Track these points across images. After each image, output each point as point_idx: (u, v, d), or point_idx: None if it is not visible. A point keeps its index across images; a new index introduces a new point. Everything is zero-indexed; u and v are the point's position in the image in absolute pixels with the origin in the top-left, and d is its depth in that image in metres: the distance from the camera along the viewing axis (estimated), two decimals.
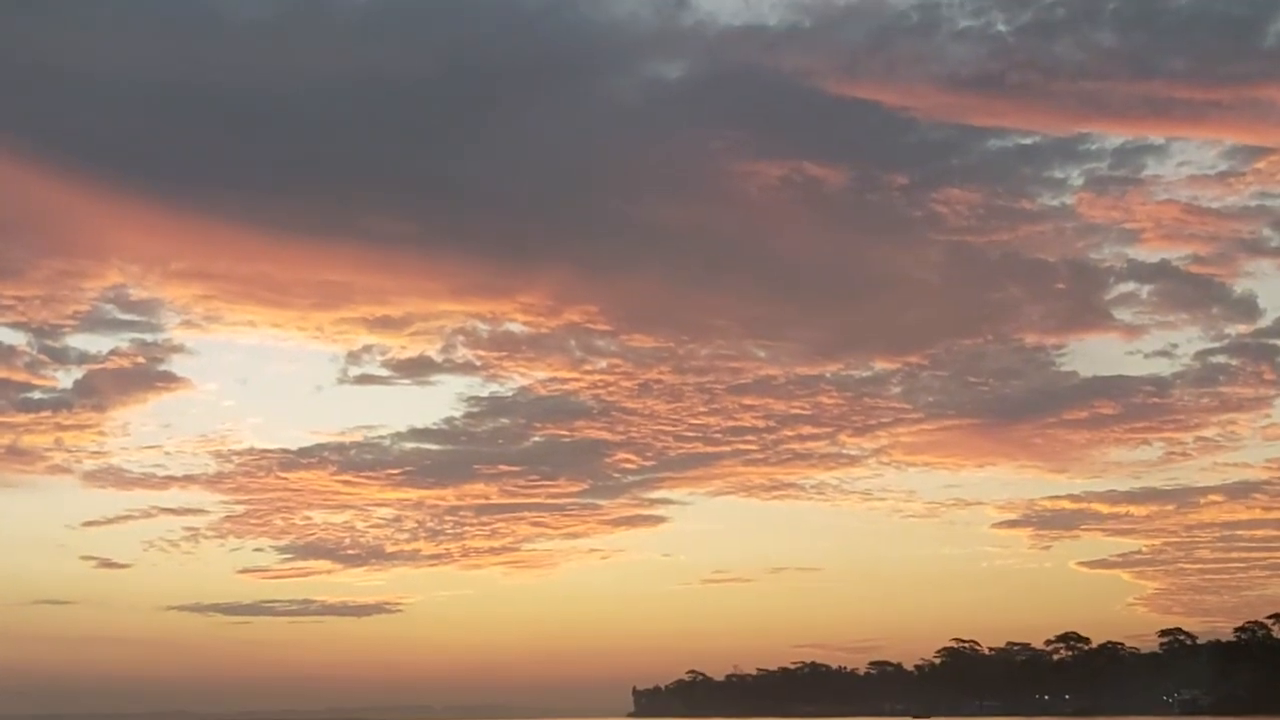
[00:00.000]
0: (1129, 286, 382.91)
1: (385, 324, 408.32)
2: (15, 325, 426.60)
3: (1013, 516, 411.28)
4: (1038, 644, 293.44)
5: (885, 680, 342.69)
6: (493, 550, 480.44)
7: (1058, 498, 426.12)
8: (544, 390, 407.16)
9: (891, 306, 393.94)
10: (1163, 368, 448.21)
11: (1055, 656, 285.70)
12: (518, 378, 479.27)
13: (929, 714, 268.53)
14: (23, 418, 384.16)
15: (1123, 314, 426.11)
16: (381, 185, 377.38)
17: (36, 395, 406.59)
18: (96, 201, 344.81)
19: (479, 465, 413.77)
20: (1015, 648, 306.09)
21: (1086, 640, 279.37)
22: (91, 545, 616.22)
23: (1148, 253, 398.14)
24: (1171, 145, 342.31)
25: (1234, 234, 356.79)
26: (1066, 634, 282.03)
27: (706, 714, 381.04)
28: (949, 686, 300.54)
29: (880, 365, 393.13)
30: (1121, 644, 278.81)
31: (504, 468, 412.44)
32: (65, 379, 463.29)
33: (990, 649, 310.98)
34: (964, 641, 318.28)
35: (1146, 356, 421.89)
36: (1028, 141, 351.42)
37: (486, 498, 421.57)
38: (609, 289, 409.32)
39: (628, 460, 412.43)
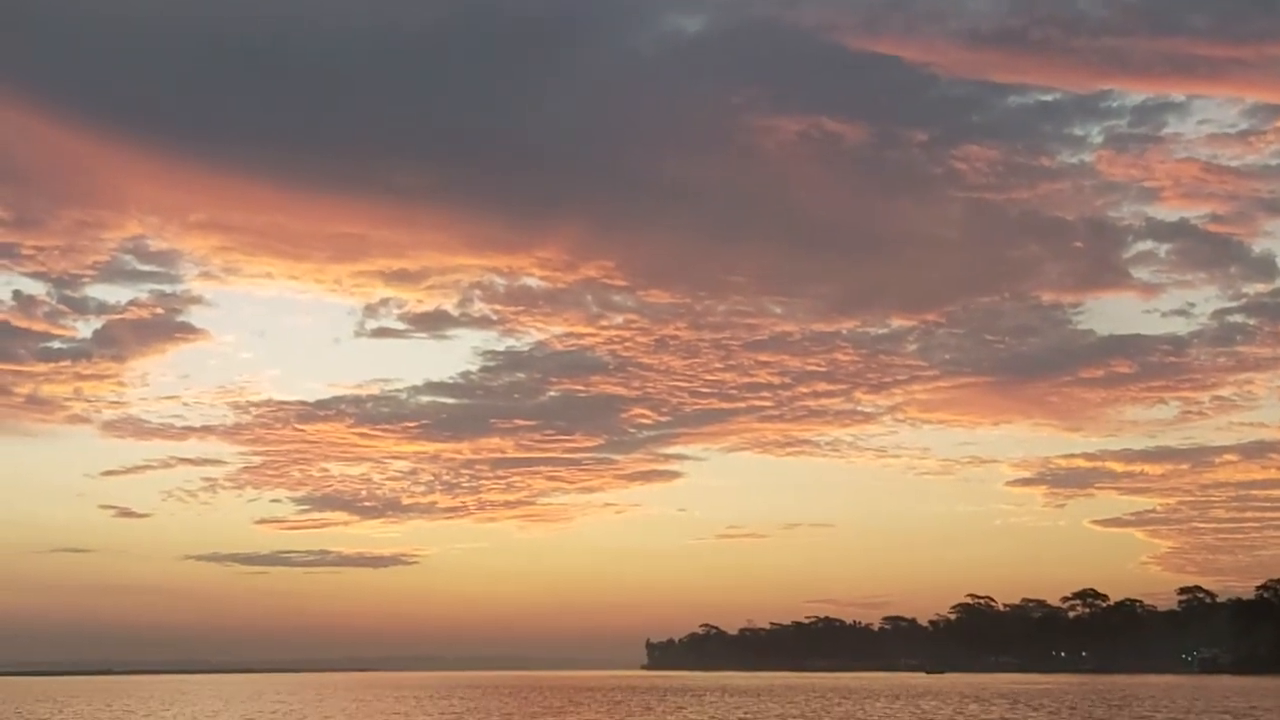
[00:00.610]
0: (1147, 245, 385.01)
1: (402, 277, 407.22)
2: (35, 275, 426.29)
3: (1027, 474, 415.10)
4: (1053, 601, 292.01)
5: (899, 635, 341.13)
6: (508, 504, 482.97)
7: (1073, 456, 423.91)
8: (560, 345, 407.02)
9: (909, 264, 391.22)
10: (1180, 327, 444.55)
11: (1072, 613, 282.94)
12: (534, 332, 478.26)
13: (943, 669, 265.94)
14: (42, 367, 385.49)
15: (1140, 272, 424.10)
16: (399, 139, 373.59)
17: (56, 345, 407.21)
18: (115, 153, 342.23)
19: (495, 419, 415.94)
20: (1030, 604, 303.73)
21: (1104, 597, 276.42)
22: (110, 494, 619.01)
23: (1167, 211, 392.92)
24: (1192, 103, 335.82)
25: (1254, 193, 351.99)
26: (1084, 591, 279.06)
27: (719, 667, 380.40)
28: (964, 642, 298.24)
29: (897, 322, 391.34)
30: (1140, 601, 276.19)
31: (520, 422, 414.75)
32: (85, 329, 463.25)
33: (1005, 605, 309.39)
34: (979, 598, 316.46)
35: (1164, 315, 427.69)
36: (1048, 98, 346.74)
37: (502, 452, 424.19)
38: (626, 245, 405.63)
39: (643, 416, 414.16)
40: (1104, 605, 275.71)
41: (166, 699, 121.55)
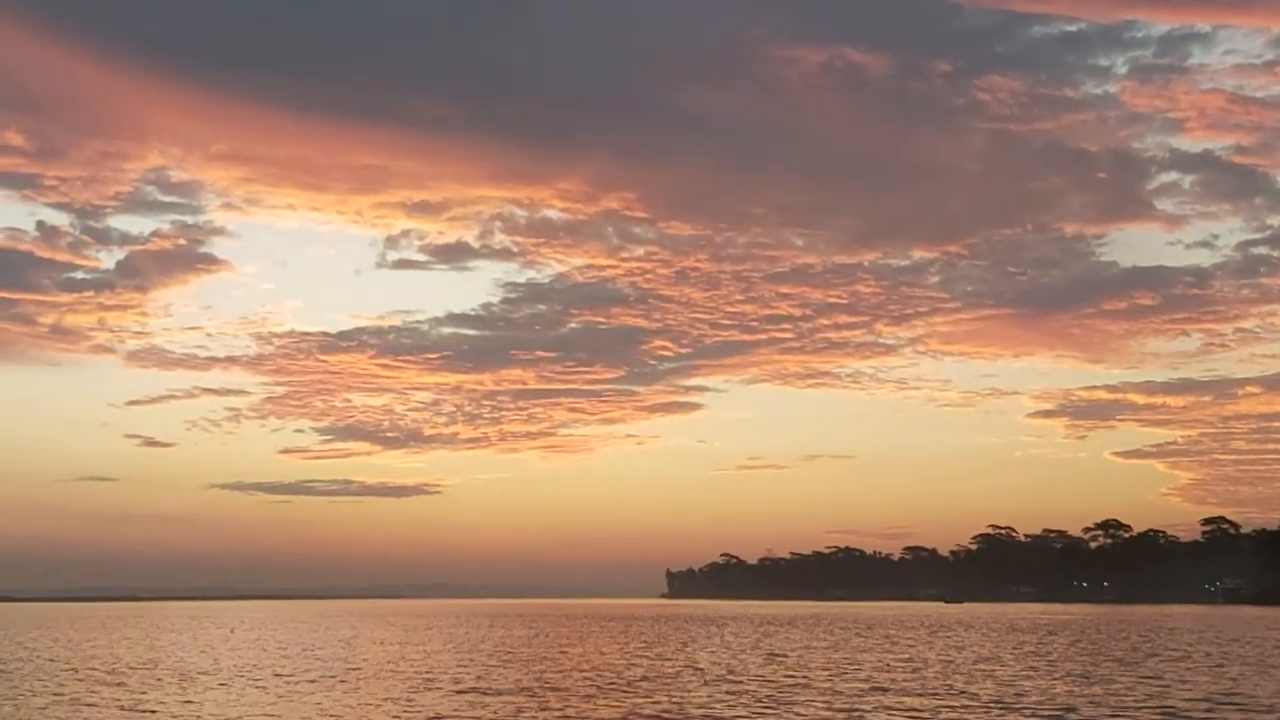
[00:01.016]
0: (1171, 176, 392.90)
1: (423, 209, 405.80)
2: (58, 205, 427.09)
3: (1048, 406, 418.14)
4: (1075, 532, 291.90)
5: (920, 566, 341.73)
6: (530, 435, 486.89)
7: (1094, 388, 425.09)
8: (581, 277, 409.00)
9: (931, 195, 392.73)
10: (1203, 258, 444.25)
11: (1094, 544, 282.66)
12: (555, 264, 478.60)
13: (963, 599, 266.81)
14: (66, 297, 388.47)
15: (1164, 204, 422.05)
16: (421, 71, 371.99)
17: (79, 275, 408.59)
18: (136, 83, 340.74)
19: (516, 351, 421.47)
20: (1052, 535, 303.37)
21: (1127, 528, 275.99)
22: (135, 424, 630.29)
23: (1191, 142, 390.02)
24: (1218, 33, 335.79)
25: (1279, 124, 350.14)
26: (1106, 521, 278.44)
27: (739, 595, 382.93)
28: (985, 572, 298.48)
29: (919, 254, 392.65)
30: (1163, 532, 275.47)
31: (541, 353, 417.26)
32: (107, 259, 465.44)
33: (1026, 536, 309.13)
34: (1000, 528, 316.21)
35: (1187, 247, 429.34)
36: (1072, 28, 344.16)
37: (524, 383, 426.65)
38: (647, 176, 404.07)
39: (664, 347, 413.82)
40: (1126, 536, 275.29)
41: (214, 624, 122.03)
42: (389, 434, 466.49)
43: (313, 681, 43.55)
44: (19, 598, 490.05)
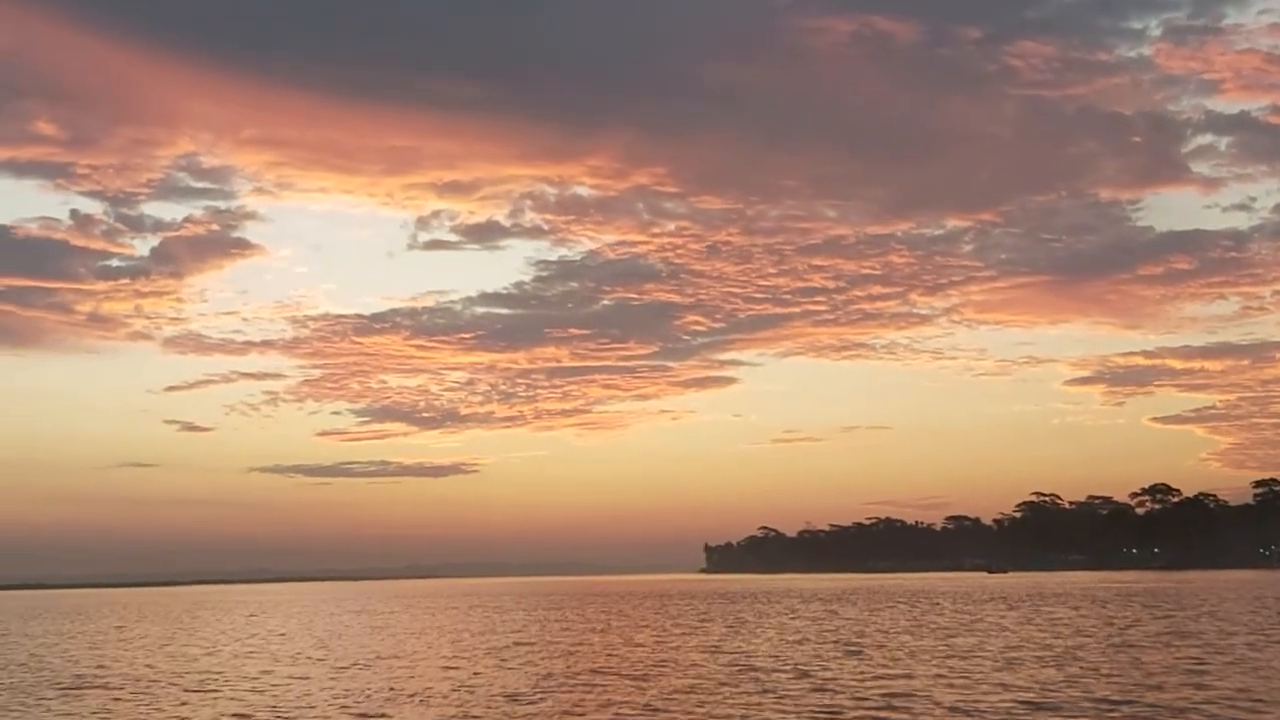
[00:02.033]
0: (1207, 139, 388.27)
1: (453, 189, 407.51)
2: (91, 194, 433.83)
3: (1085, 373, 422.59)
4: (1120, 498, 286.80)
5: (963, 535, 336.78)
6: (565, 412, 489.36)
7: (1131, 354, 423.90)
8: (613, 253, 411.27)
9: (964, 163, 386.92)
10: (1240, 221, 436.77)
11: (1141, 509, 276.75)
12: (586, 241, 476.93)
13: (1006, 569, 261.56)
14: (103, 285, 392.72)
15: (1200, 167, 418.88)
16: (448, 51, 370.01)
17: (115, 263, 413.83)
18: (166, 70, 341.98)
19: (549, 329, 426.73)
20: (1097, 501, 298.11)
21: (1176, 492, 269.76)
22: (174, 409, 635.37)
23: (1227, 104, 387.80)
24: None
25: None
26: (1154, 486, 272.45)
27: (779, 569, 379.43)
28: (1030, 540, 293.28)
29: (952, 223, 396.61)
30: (1213, 495, 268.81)
31: (574, 331, 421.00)
32: (142, 246, 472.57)
33: (1071, 503, 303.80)
34: (1044, 495, 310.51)
35: (1224, 210, 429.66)
36: None
37: (558, 360, 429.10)
38: (677, 151, 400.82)
39: (697, 322, 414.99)
40: (1175, 500, 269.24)
41: (262, 609, 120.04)
42: (425, 414, 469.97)
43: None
44: (60, 585, 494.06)
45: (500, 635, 58.49)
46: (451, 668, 39.61)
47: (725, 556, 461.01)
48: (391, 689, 32.96)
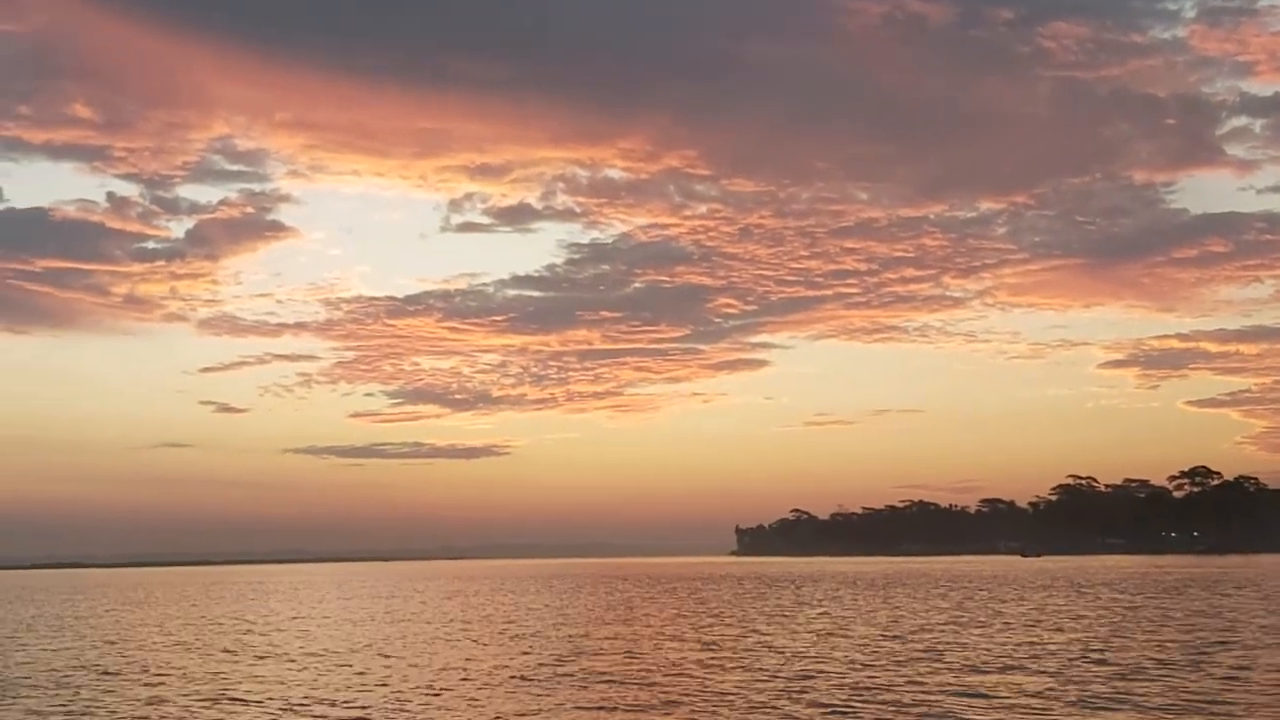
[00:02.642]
0: (1242, 121, 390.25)
1: (485, 172, 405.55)
2: (127, 176, 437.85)
3: (1119, 356, 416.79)
4: (1156, 481, 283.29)
5: (998, 518, 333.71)
6: (596, 395, 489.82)
7: (1166, 337, 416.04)
8: (644, 236, 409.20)
9: (997, 145, 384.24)
10: (1276, 204, 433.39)
11: (1179, 493, 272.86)
12: (618, 224, 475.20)
13: (1041, 552, 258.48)
14: (138, 267, 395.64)
15: (1235, 149, 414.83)
16: (479, 33, 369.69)
17: (150, 245, 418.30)
18: (200, 53, 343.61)
19: (581, 311, 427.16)
20: (1134, 484, 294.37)
21: (1216, 474, 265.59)
22: (209, 390, 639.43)
23: (1261, 85, 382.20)
24: None
25: None
26: (1195, 469, 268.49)
27: (811, 552, 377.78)
28: (1066, 524, 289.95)
29: (985, 205, 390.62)
30: (1254, 479, 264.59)
31: (606, 313, 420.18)
32: (177, 229, 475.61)
33: (1107, 486, 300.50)
34: (1080, 478, 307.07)
35: (1259, 192, 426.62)
36: None
37: (589, 343, 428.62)
38: (708, 133, 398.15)
39: (729, 305, 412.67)
40: (1214, 484, 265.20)
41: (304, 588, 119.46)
42: (457, 396, 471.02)
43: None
44: (96, 564, 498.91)
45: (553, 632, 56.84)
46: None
47: (756, 539, 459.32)
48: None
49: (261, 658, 39.61)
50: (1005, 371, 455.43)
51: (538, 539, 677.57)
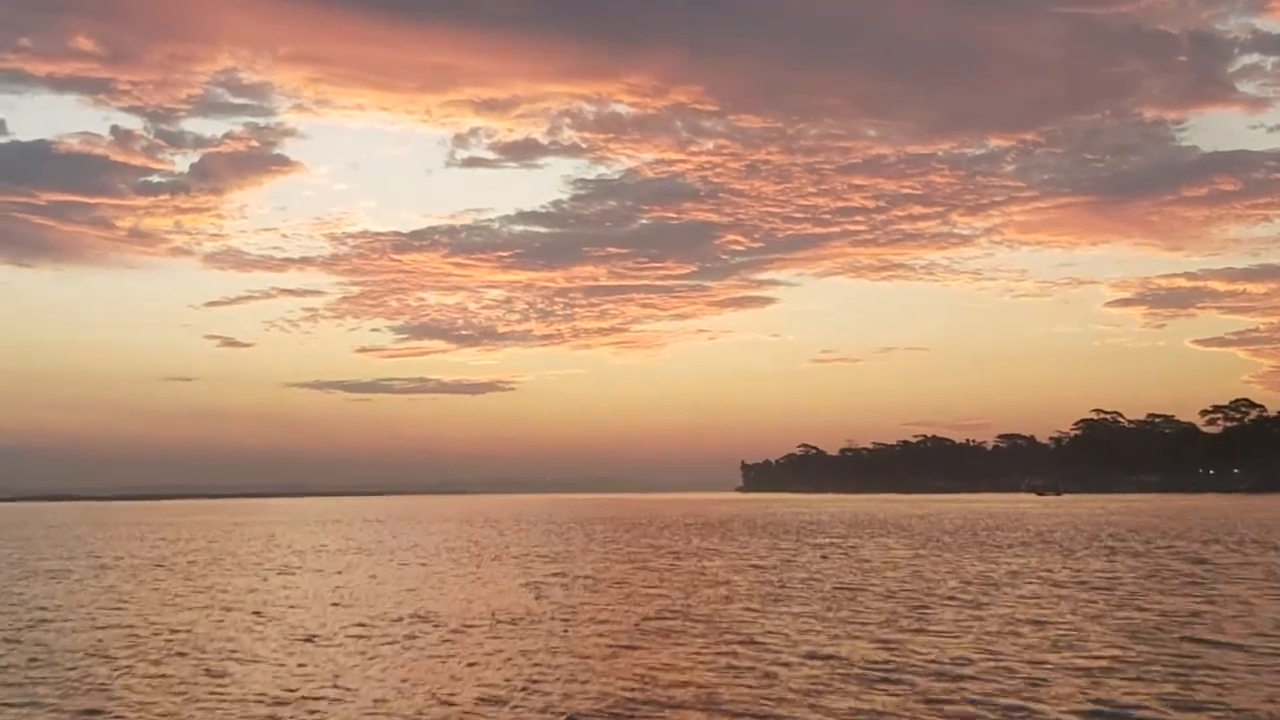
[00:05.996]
0: (1253, 58, 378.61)
1: (491, 106, 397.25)
2: (131, 109, 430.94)
3: (1127, 295, 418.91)
4: (1183, 416, 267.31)
5: (1016, 455, 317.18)
6: (602, 331, 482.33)
7: (1173, 275, 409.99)
8: (651, 172, 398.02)
9: (1006, 82, 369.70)
10: None
11: (1212, 428, 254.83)
12: (624, 160, 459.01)
13: (1061, 490, 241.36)
14: (143, 201, 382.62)
15: (1246, 87, 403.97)
16: None
17: (155, 179, 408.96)
18: None
19: (587, 247, 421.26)
20: (1159, 419, 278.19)
21: (1259, 407, 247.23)
22: (215, 324, 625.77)
23: (1274, 22, 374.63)
24: None
25: None
26: (1236, 401, 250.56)
27: (818, 488, 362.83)
28: (1091, 461, 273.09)
29: (994, 143, 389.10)
30: None
31: (612, 250, 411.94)
32: (182, 163, 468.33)
33: (1131, 421, 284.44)
34: (1104, 413, 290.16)
35: (1270, 130, 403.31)
36: None
37: (595, 279, 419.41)
38: (716, 69, 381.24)
39: (736, 242, 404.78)
40: (1254, 418, 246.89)
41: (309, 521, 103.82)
42: (463, 332, 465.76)
43: None
44: (97, 496, 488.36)
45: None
46: None
47: (762, 475, 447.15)
48: None
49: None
50: (1012, 309, 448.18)
51: (542, 474, 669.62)
